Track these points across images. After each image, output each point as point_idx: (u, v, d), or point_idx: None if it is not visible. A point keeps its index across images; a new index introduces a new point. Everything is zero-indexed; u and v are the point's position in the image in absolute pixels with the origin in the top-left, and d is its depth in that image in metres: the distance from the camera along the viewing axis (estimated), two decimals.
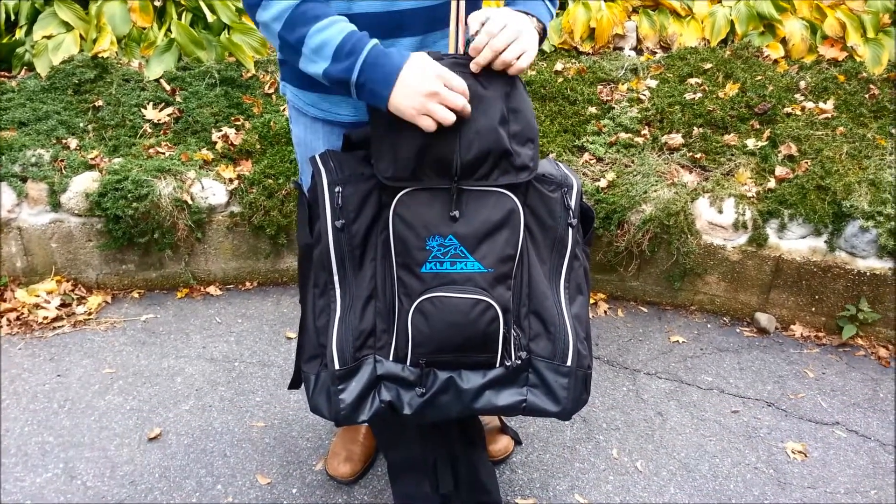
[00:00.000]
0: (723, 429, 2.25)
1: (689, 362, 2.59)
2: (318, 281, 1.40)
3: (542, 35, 1.38)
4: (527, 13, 1.34)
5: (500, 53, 1.24)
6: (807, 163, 2.87)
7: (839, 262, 2.69)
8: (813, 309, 2.78)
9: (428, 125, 1.22)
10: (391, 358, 1.39)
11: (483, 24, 1.25)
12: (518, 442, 2.11)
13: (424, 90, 1.20)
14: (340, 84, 1.27)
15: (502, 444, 2.05)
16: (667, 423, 2.27)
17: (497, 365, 1.39)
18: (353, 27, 1.27)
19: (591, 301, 2.93)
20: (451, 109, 1.22)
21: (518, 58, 1.25)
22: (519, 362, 1.40)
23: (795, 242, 2.75)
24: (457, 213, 1.31)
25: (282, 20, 1.26)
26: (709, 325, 2.84)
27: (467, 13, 1.35)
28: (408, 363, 1.38)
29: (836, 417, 2.33)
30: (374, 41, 1.26)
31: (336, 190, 1.34)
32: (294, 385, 1.62)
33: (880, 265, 2.64)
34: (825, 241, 2.72)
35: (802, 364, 2.60)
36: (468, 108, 1.24)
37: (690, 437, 2.21)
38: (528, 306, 1.41)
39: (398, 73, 1.22)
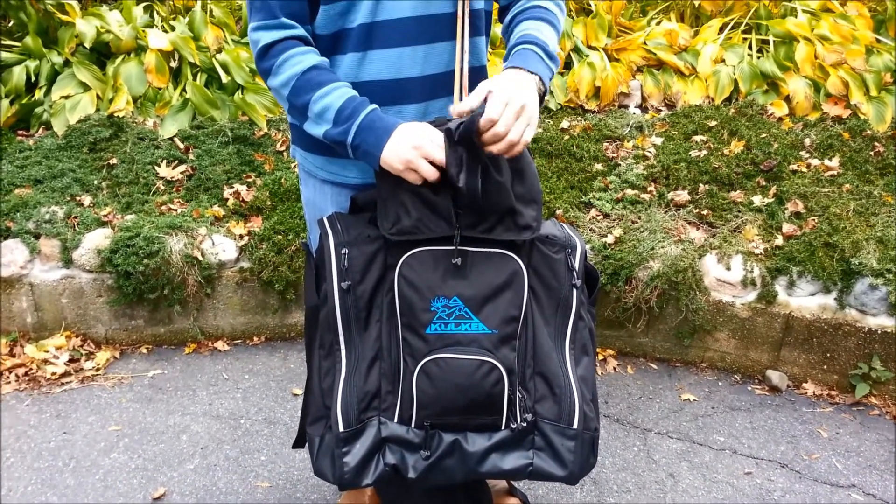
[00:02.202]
0: (736, 491, 2.21)
1: (700, 421, 2.55)
2: (323, 342, 1.41)
3: (543, 95, 1.34)
4: (530, 72, 1.31)
5: (505, 136, 1.22)
6: (814, 220, 2.88)
7: (850, 320, 2.67)
8: (825, 367, 2.75)
9: (414, 179, 1.27)
10: (396, 420, 1.38)
11: (486, 100, 1.23)
12: None
13: (409, 143, 1.25)
14: (338, 145, 1.33)
15: None
16: (679, 486, 2.22)
17: (503, 427, 1.38)
18: (353, 92, 1.33)
19: (600, 357, 2.91)
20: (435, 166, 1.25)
21: (522, 133, 1.24)
22: (525, 424, 1.39)
23: (805, 300, 2.74)
24: (459, 259, 1.32)
25: (289, 86, 1.34)
26: (720, 383, 2.81)
27: (471, 80, 1.39)
28: (412, 425, 1.37)
29: (851, 480, 2.28)
30: (373, 106, 1.32)
31: (342, 252, 1.36)
32: (298, 444, 1.61)
33: (891, 323, 2.62)
34: (835, 299, 2.71)
35: (816, 423, 2.56)
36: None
37: (703, 500, 2.17)
38: (532, 367, 1.41)
39: (390, 134, 1.27)
